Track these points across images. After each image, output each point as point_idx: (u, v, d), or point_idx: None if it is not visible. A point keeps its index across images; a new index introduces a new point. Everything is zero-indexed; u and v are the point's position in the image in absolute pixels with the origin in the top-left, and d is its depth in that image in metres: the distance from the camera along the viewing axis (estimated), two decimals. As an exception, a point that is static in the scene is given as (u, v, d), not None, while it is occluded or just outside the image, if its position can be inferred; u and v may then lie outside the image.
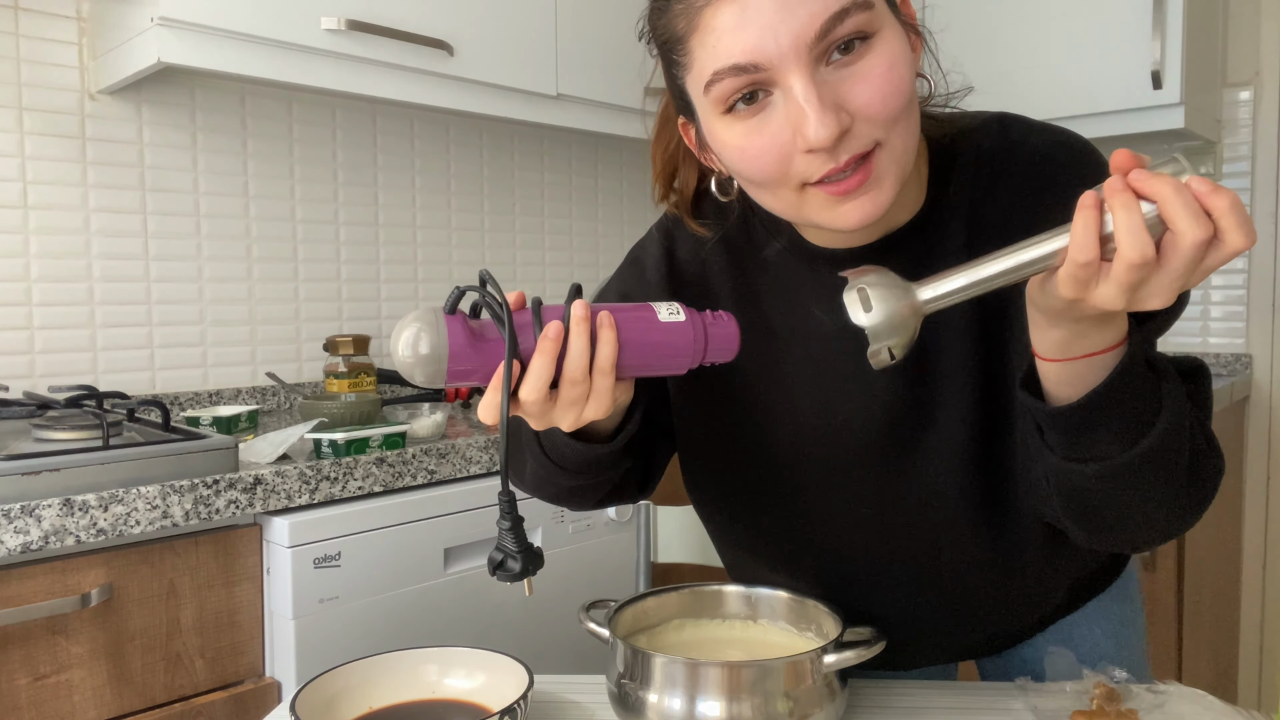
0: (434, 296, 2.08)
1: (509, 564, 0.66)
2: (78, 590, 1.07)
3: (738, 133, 0.66)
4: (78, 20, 1.58)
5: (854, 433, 0.79)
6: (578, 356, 0.62)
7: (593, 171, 2.41)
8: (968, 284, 0.60)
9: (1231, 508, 2.25)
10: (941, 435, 0.77)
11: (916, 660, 0.92)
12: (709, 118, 0.68)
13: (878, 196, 0.65)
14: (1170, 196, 0.52)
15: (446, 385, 0.62)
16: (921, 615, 0.86)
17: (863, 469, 0.80)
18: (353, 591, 1.25)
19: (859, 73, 0.63)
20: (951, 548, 0.81)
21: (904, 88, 0.64)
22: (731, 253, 0.83)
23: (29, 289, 1.55)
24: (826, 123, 0.61)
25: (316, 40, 1.51)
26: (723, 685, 0.70)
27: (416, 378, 0.61)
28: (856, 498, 0.82)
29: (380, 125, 1.98)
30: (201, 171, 1.73)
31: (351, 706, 0.78)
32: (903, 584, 0.84)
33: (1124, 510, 0.67)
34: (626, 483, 0.85)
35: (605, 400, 0.64)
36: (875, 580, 0.85)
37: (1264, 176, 2.27)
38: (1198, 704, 0.77)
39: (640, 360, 0.65)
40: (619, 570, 1.57)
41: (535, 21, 1.83)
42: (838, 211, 0.66)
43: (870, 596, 0.86)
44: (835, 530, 0.84)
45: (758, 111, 0.65)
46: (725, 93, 0.65)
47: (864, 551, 0.83)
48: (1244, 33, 2.27)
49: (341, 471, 1.26)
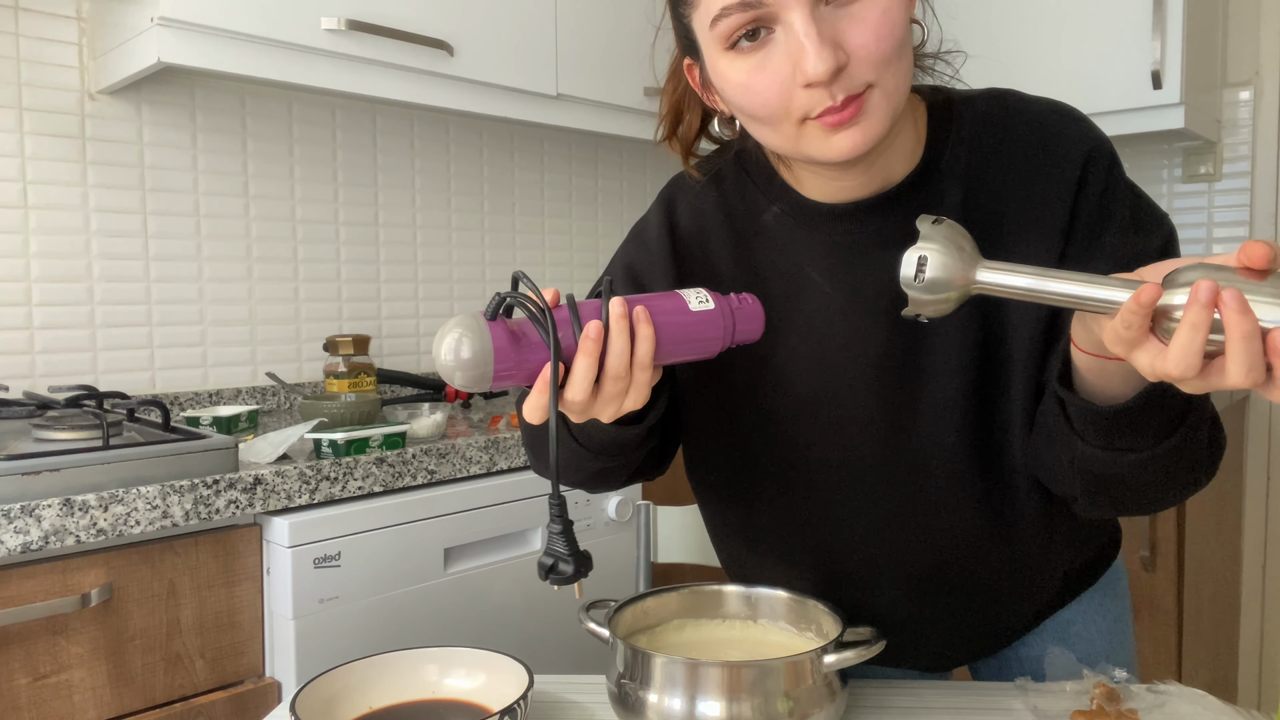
0: (434, 296, 2.08)
1: (561, 567, 0.67)
2: (78, 590, 1.07)
3: (741, 69, 0.69)
4: (78, 20, 1.58)
5: (853, 392, 0.80)
6: (619, 354, 0.64)
7: (593, 171, 2.41)
8: (1027, 288, 0.60)
9: (1231, 508, 2.25)
10: (937, 393, 0.79)
11: (915, 654, 0.92)
12: (713, 55, 0.71)
13: (868, 129, 0.68)
14: (1239, 340, 0.52)
15: (491, 389, 0.63)
16: (918, 599, 0.86)
17: (861, 429, 0.81)
18: (353, 591, 1.25)
19: (856, 14, 0.66)
20: (948, 515, 0.82)
21: (898, 31, 0.67)
22: (731, 220, 0.85)
23: (29, 289, 1.55)
24: (824, 57, 0.64)
25: (316, 40, 1.51)
26: (723, 685, 0.70)
27: (458, 381, 0.62)
28: (856, 461, 0.82)
29: (380, 125, 1.98)
30: (201, 171, 1.73)
31: (351, 706, 0.78)
32: (899, 564, 0.84)
33: (1145, 489, 0.71)
34: (647, 462, 0.86)
35: (644, 392, 0.66)
36: (871, 559, 0.85)
37: (1264, 176, 2.27)
38: (1198, 704, 0.78)
39: (675, 350, 0.67)
40: (619, 570, 1.57)
41: (535, 21, 1.83)
42: (830, 142, 0.69)
43: (867, 580, 0.86)
44: (834, 501, 0.84)
45: (760, 48, 0.68)
46: (729, 29, 0.68)
47: (862, 525, 0.84)
48: (1244, 33, 2.27)
49: (341, 471, 1.26)
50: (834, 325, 0.80)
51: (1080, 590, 0.94)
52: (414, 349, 2.05)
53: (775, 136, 0.71)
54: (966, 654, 0.93)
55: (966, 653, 0.93)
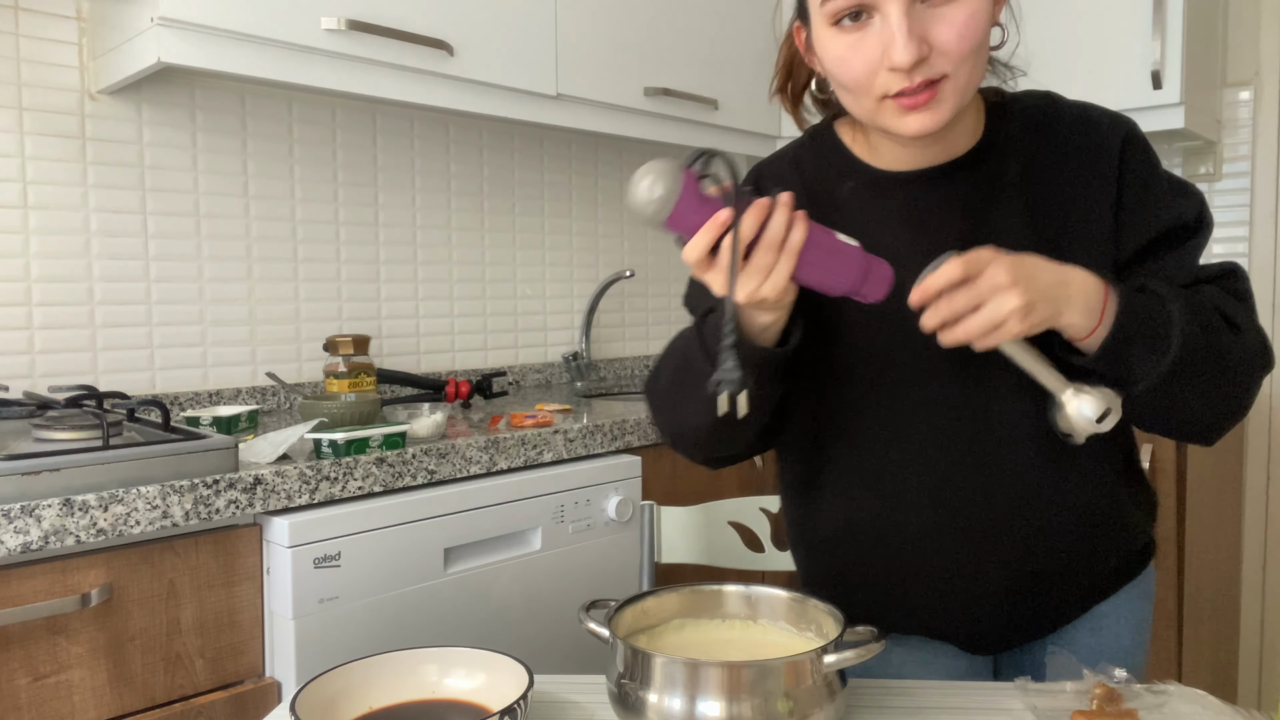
0: (434, 296, 2.08)
1: (728, 372, 0.73)
2: (78, 590, 1.07)
3: (840, 44, 0.81)
4: (78, 20, 1.58)
5: (924, 343, 0.88)
6: (778, 228, 0.73)
7: (593, 171, 2.41)
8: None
9: (1231, 508, 2.25)
10: None
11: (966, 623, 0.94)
12: (819, 27, 0.82)
13: (936, 114, 0.80)
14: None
15: (664, 227, 0.73)
16: (977, 557, 0.90)
17: (930, 377, 0.90)
18: (353, 591, 1.25)
19: (945, 15, 0.77)
20: (1010, 460, 0.89)
21: (979, 36, 0.78)
22: (813, 198, 0.94)
23: (29, 289, 1.55)
24: (909, 49, 0.76)
25: (316, 40, 1.51)
26: (723, 685, 0.70)
27: (644, 213, 0.72)
28: (926, 407, 0.90)
29: (380, 125, 1.98)
30: (201, 171, 1.73)
31: (351, 706, 0.78)
32: (962, 516, 0.90)
33: (1169, 410, 0.82)
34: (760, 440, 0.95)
35: (781, 281, 0.74)
36: (933, 514, 0.90)
37: (1264, 176, 2.27)
38: (1198, 704, 0.78)
39: (814, 264, 0.76)
40: (619, 570, 1.57)
41: (535, 21, 1.83)
42: (904, 120, 0.81)
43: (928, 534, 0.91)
44: (904, 449, 0.91)
45: (859, 29, 0.79)
46: (837, 9, 0.80)
47: (929, 475, 0.90)
48: (1244, 33, 2.27)
49: (341, 471, 1.26)
50: (905, 284, 0.87)
51: (1126, 580, 0.98)
52: (414, 349, 2.05)
53: (857, 106, 0.83)
54: (1014, 630, 0.96)
55: (1014, 628, 0.95)
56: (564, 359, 2.29)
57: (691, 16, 2.16)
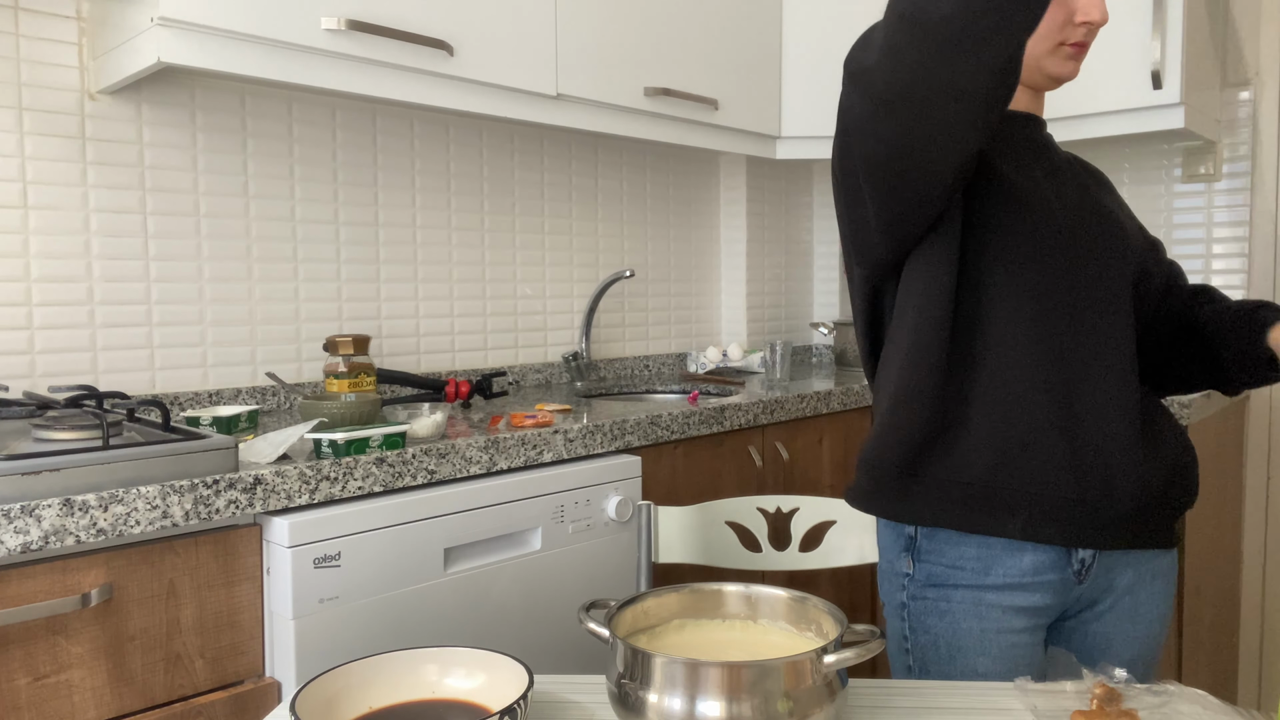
0: (434, 296, 2.08)
1: None
2: (78, 590, 1.07)
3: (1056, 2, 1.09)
4: (78, 20, 1.58)
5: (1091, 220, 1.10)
6: None
7: (592, 171, 2.41)
8: None
9: (1231, 508, 2.25)
10: (1115, 235, 1.11)
11: (1142, 492, 1.03)
12: None
13: (1080, 67, 1.16)
14: None
15: None
16: (1131, 431, 1.03)
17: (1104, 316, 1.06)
18: (353, 591, 1.25)
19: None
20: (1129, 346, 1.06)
21: None
22: None
23: (29, 289, 1.55)
24: (1101, 11, 1.09)
25: (316, 40, 1.51)
26: (723, 685, 0.70)
27: None
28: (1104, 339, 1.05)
29: (380, 125, 1.98)
30: (201, 171, 1.73)
31: (351, 706, 0.78)
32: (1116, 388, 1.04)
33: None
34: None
35: None
36: (1096, 386, 1.04)
37: (1264, 176, 2.27)
38: (1198, 704, 0.78)
39: None
40: (619, 570, 1.57)
41: (535, 21, 1.83)
42: (1067, 63, 1.12)
43: (1100, 410, 1.03)
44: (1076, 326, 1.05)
45: None
46: None
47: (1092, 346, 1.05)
48: (1244, 33, 2.27)
49: (341, 471, 1.26)
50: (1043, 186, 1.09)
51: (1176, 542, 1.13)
52: (414, 349, 2.05)
53: (1042, 44, 1.10)
54: (1179, 492, 1.08)
55: (1179, 490, 1.08)
56: (564, 359, 2.29)
57: (691, 16, 2.16)
